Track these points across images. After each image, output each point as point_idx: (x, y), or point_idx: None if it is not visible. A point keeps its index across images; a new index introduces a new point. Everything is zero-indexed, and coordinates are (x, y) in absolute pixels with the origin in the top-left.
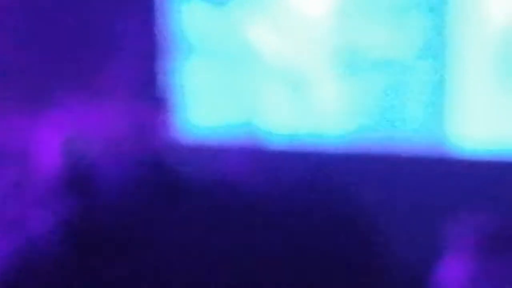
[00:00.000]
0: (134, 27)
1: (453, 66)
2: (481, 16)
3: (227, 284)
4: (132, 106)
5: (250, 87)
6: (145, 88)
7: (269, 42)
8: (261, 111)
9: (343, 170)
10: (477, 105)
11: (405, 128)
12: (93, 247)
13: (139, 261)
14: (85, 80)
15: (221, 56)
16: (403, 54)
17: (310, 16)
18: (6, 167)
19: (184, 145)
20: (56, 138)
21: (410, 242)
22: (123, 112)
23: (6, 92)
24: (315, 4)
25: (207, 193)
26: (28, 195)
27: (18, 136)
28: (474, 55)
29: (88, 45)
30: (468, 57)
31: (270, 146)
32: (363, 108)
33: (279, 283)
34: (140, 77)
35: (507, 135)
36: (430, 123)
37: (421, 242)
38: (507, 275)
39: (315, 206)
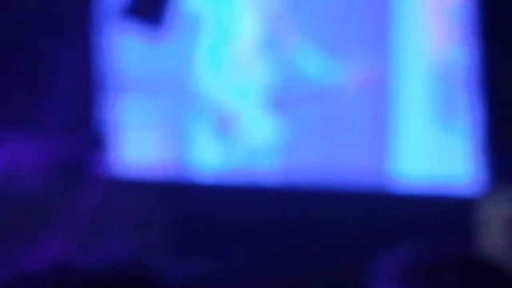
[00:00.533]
0: (69, 63)
1: (393, 104)
2: (422, 56)
3: None
4: (66, 141)
5: (182, 123)
6: (79, 124)
7: (201, 78)
8: (193, 147)
9: (279, 205)
10: (415, 142)
11: (343, 163)
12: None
13: None
14: (20, 115)
15: (155, 92)
16: (341, 88)
17: (241, 51)
18: None
19: (116, 180)
20: None
21: (344, 274)
22: (56, 146)
23: None
24: (246, 40)
25: None
26: None
27: None
28: (414, 95)
29: (23, 80)
30: (408, 96)
31: (201, 182)
32: (299, 143)
33: None
34: (74, 112)
35: (445, 172)
36: (369, 158)
37: (355, 274)
38: None
39: (248, 240)
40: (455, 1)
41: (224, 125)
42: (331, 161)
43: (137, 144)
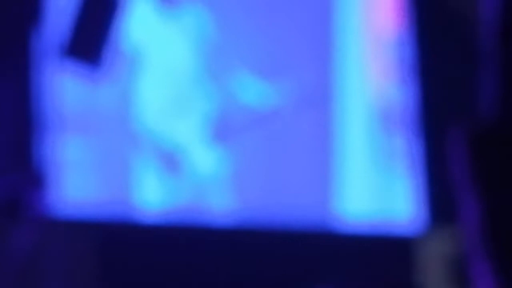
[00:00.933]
0: (9, 101)
1: (335, 144)
2: (361, 95)
3: None
4: (4, 180)
5: (125, 161)
6: (18, 162)
7: (142, 115)
8: (135, 186)
9: (224, 244)
10: (356, 181)
11: (286, 200)
12: None
13: None
14: None
15: (96, 131)
16: (280, 113)
17: (180, 85)
18: None
19: (56, 220)
20: None
21: None
22: None
23: None
24: (184, 73)
25: None
26: None
27: None
28: (354, 134)
29: None
30: (349, 136)
31: (144, 221)
32: (242, 177)
33: None
34: (13, 150)
35: (385, 211)
36: (312, 196)
37: None
38: None
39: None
40: (393, 39)
41: (168, 161)
42: (273, 198)
43: (78, 183)
